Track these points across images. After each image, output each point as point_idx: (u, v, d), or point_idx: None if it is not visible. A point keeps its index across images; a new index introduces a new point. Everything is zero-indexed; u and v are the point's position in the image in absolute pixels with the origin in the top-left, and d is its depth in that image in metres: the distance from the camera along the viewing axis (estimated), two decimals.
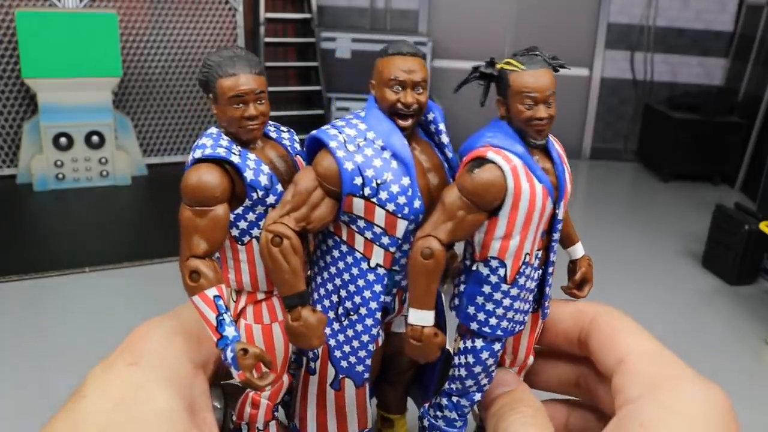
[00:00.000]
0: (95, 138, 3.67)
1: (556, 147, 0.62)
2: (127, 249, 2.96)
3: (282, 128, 0.63)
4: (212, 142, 0.56)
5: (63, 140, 3.59)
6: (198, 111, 4.23)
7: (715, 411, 0.51)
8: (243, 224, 0.56)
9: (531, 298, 0.63)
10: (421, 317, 0.57)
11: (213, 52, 0.57)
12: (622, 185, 4.69)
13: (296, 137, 0.63)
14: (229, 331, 0.53)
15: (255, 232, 0.57)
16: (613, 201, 4.29)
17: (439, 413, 0.66)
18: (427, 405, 0.67)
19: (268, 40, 4.29)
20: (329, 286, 0.61)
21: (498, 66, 0.59)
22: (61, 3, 3.67)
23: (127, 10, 3.89)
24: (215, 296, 0.53)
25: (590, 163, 5.05)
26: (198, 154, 0.55)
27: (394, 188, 0.56)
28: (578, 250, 0.70)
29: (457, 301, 0.62)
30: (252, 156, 0.56)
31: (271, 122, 0.61)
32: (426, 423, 0.68)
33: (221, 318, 0.53)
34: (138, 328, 0.57)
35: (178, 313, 0.59)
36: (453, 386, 0.64)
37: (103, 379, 0.52)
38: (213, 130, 0.57)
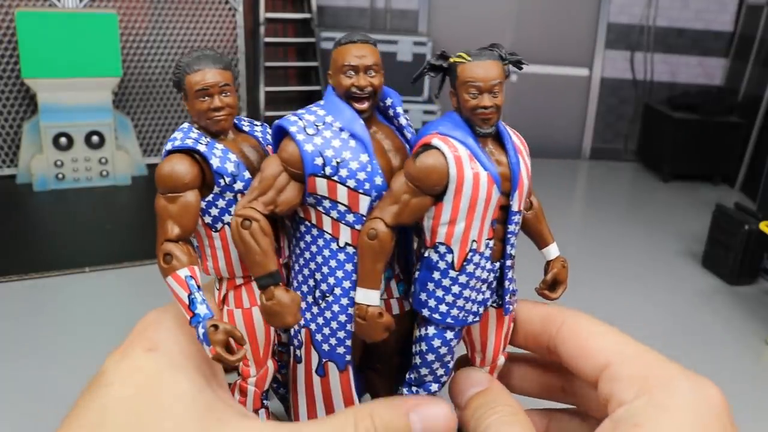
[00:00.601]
0: (95, 138, 3.67)
1: (514, 139, 0.65)
2: (127, 249, 2.97)
3: (255, 123, 0.67)
4: (182, 135, 0.60)
5: (63, 140, 3.59)
6: None
7: (710, 406, 0.50)
8: (214, 211, 0.60)
9: (485, 289, 0.64)
10: (366, 296, 0.60)
11: (184, 55, 0.61)
12: (622, 185, 4.69)
13: (269, 130, 0.67)
14: (201, 309, 0.55)
15: (226, 218, 0.60)
16: (613, 201, 4.29)
17: None
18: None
19: (268, 40, 4.30)
20: (305, 272, 0.63)
21: (451, 60, 0.62)
22: (61, 3, 3.67)
23: (127, 10, 3.89)
24: (187, 276, 0.56)
25: (590, 163, 5.05)
26: (168, 146, 0.59)
27: (353, 165, 0.59)
28: (552, 251, 0.71)
29: (411, 288, 0.65)
30: (219, 146, 0.60)
31: (245, 118, 0.65)
32: None
33: (193, 297, 0.55)
34: (148, 315, 0.59)
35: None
36: (411, 375, 0.66)
37: (123, 367, 0.53)
38: (185, 125, 0.61)
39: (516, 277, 0.66)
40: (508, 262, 0.64)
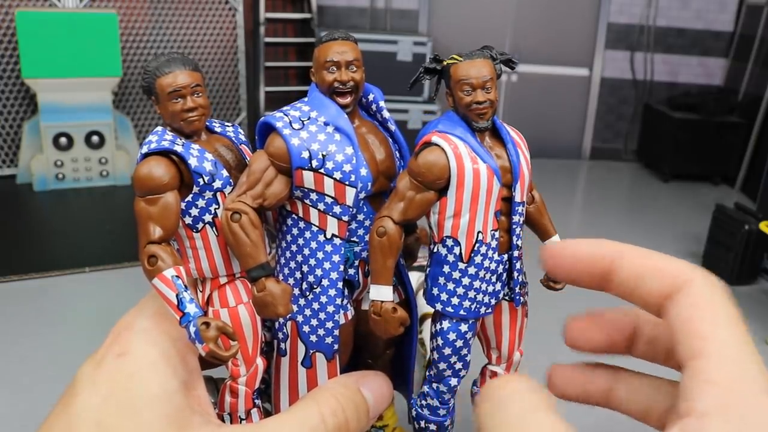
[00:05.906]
0: (95, 138, 3.67)
1: (512, 134, 0.67)
2: (127, 249, 2.96)
3: (226, 124, 0.67)
4: (157, 137, 0.60)
5: (63, 140, 3.59)
6: None
7: None
8: (194, 211, 0.60)
9: (495, 280, 0.66)
10: (380, 292, 0.61)
11: (151, 60, 0.61)
12: (622, 185, 4.69)
13: (241, 130, 0.68)
14: (190, 308, 0.55)
15: (207, 218, 0.60)
16: (613, 201, 4.29)
17: (423, 402, 0.69)
18: (416, 396, 0.70)
19: (268, 40, 4.29)
20: (292, 264, 0.64)
21: (444, 62, 0.65)
22: (61, 3, 3.67)
23: (127, 10, 3.89)
24: (173, 276, 0.56)
25: (590, 163, 5.05)
26: (144, 149, 0.59)
27: (339, 157, 0.61)
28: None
29: (424, 285, 0.66)
30: (195, 146, 0.61)
31: (215, 120, 0.66)
32: (414, 413, 0.71)
33: (181, 296, 0.55)
34: (121, 320, 0.57)
35: (153, 297, 0.59)
36: (431, 372, 0.67)
37: (93, 375, 0.52)
38: (158, 128, 0.62)
39: (525, 270, 0.67)
40: (516, 253, 0.66)
